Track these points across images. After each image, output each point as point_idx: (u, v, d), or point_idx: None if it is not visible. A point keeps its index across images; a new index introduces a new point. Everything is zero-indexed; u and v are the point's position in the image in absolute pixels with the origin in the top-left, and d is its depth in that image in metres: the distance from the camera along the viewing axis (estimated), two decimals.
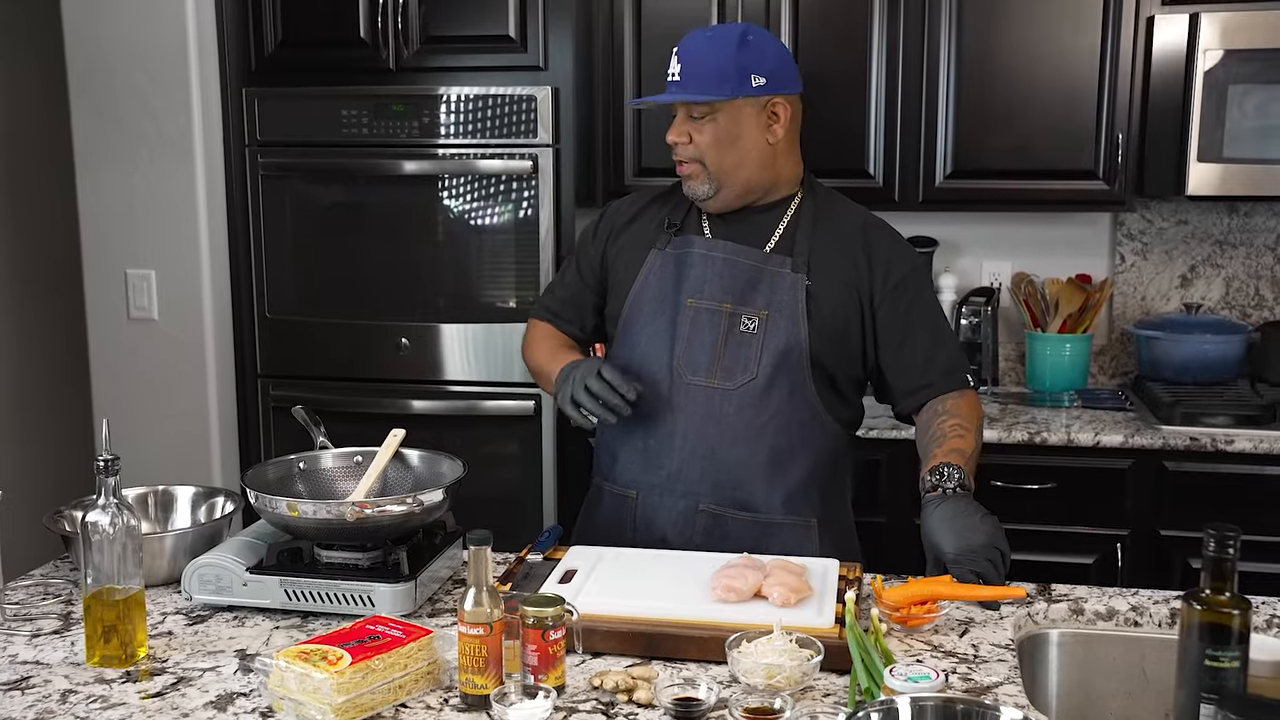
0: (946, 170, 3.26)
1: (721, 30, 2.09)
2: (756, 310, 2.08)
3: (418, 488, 1.98)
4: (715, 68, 2.01)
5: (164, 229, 3.28)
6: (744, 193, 2.12)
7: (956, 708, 1.28)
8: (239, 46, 3.29)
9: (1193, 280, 3.51)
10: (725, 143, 2.05)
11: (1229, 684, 1.18)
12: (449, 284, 3.27)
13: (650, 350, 2.12)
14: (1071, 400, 3.30)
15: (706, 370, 2.09)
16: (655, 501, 2.13)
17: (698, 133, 2.05)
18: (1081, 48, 3.15)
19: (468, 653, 1.53)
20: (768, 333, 2.08)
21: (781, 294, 2.08)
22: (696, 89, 2.02)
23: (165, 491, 2.13)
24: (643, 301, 2.15)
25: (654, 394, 2.10)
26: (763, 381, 2.07)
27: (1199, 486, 2.96)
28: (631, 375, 2.06)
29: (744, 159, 2.07)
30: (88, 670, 1.66)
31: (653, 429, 2.11)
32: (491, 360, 3.25)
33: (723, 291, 2.10)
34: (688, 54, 2.05)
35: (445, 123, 3.18)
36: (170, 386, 3.33)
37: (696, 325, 2.10)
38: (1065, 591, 1.93)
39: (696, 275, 2.12)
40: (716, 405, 2.08)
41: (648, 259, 2.17)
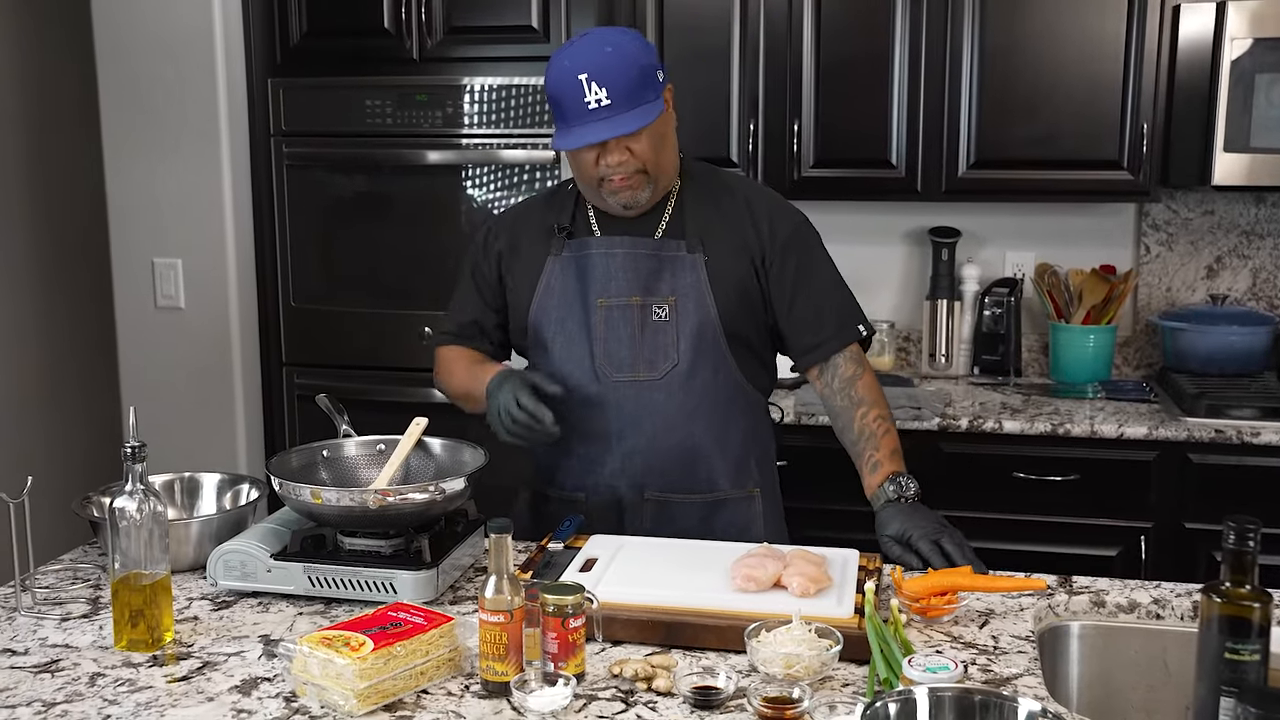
0: (969, 160, 3.25)
1: (612, 39, 2.02)
2: (664, 298, 2.11)
3: (440, 476, 1.99)
4: (636, 78, 1.97)
5: (190, 219, 3.31)
6: (668, 184, 2.14)
7: (974, 699, 1.28)
8: (264, 37, 3.31)
9: (1219, 271, 3.49)
10: (659, 144, 2.05)
11: (1249, 677, 1.17)
12: None
13: (568, 355, 2.14)
14: (1095, 392, 3.29)
15: (630, 365, 2.12)
16: (604, 499, 2.16)
17: (634, 143, 2.01)
18: (1106, 36, 3.13)
19: (488, 640, 1.54)
20: (680, 317, 2.11)
21: (684, 277, 2.11)
22: (632, 106, 1.97)
23: (191, 478, 2.15)
24: (548, 309, 2.16)
25: (581, 398, 2.12)
26: (685, 365, 2.11)
27: (1224, 479, 2.94)
28: (550, 383, 2.05)
29: (671, 153, 2.11)
30: (115, 654, 1.68)
31: (587, 434, 2.14)
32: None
33: (629, 286, 2.12)
34: (605, 74, 1.95)
35: (468, 113, 3.19)
36: (196, 375, 3.36)
37: (610, 323, 2.12)
38: (1086, 584, 1.92)
39: (601, 274, 2.13)
40: (646, 396, 2.11)
41: (545, 266, 2.16)
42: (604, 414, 2.13)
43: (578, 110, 1.97)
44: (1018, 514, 3.03)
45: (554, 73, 2.00)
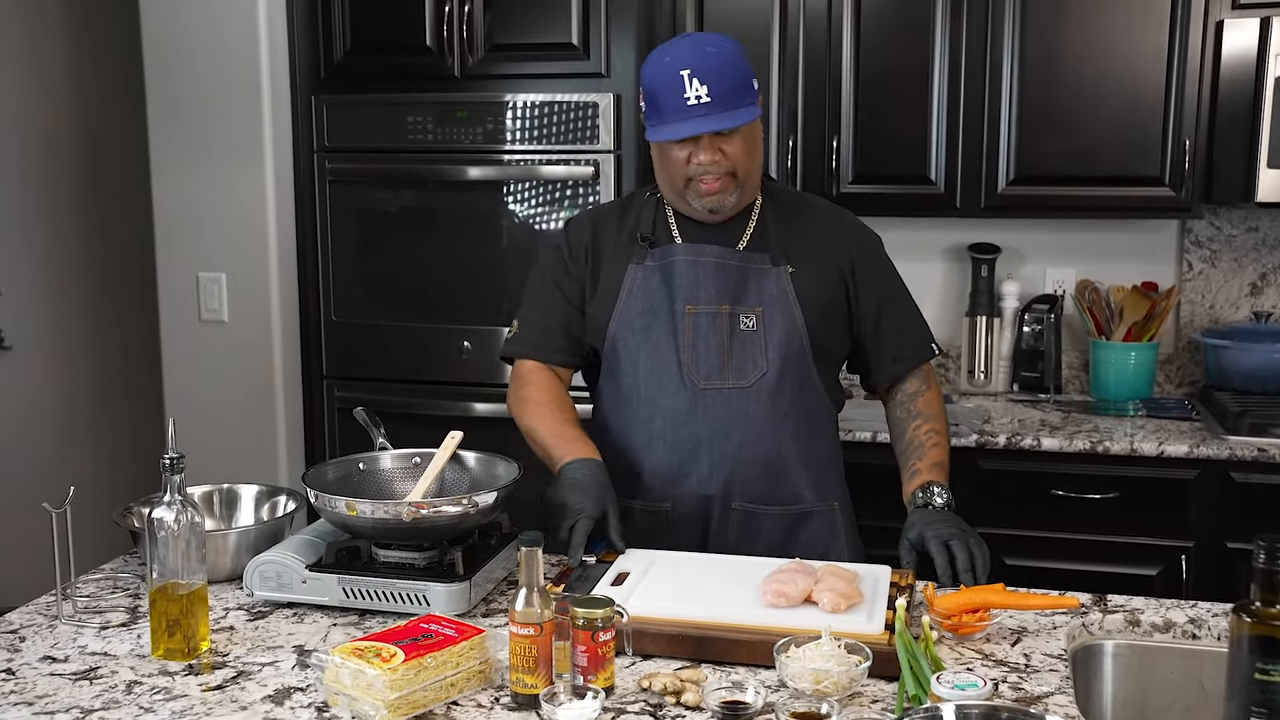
0: (1009, 176, 3.24)
1: (714, 41, 2.05)
2: (752, 308, 2.12)
3: (474, 489, 2.01)
4: (737, 80, 2.01)
5: (235, 233, 3.36)
6: (753, 195, 2.17)
7: (1002, 716, 1.27)
8: (308, 54, 3.36)
9: (1263, 288, 3.45)
10: (752, 149, 2.08)
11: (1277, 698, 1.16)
12: (511, 288, 3.30)
13: (655, 363, 2.13)
14: (1136, 409, 3.26)
15: (719, 372, 2.11)
16: (688, 509, 2.14)
17: (728, 145, 2.04)
18: (1148, 52, 3.11)
19: (518, 652, 1.55)
20: (767, 328, 2.12)
21: (769, 289, 2.12)
22: (734, 105, 2.00)
23: (230, 490, 2.18)
24: (632, 316, 2.14)
25: (668, 405, 2.12)
26: (774, 374, 2.11)
27: (1267, 498, 2.90)
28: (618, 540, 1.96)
29: (759, 162, 2.14)
30: (152, 662, 1.70)
31: (675, 442, 2.12)
32: None
33: (718, 294, 2.12)
34: (709, 73, 1.98)
35: (509, 129, 3.22)
36: (239, 387, 3.41)
37: (699, 330, 2.12)
38: (1122, 602, 1.91)
39: (688, 281, 2.12)
40: (735, 405, 2.11)
41: (627, 274, 2.15)
42: (692, 421, 2.11)
43: (676, 106, 1.99)
44: (1056, 532, 3.01)
45: (653, 69, 2.03)
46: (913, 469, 2.14)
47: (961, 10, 3.19)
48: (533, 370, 2.22)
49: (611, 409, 2.21)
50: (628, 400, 2.17)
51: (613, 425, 2.20)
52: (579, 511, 1.94)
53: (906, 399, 2.23)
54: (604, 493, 1.99)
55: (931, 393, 2.25)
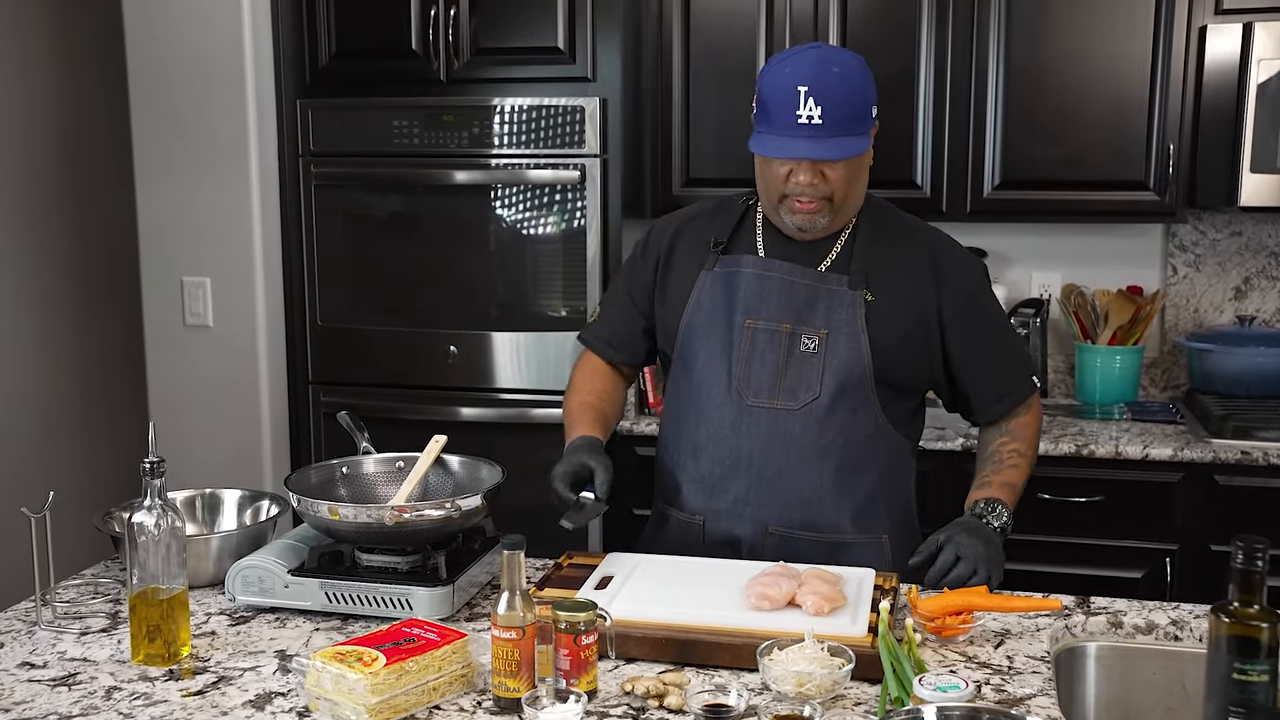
0: (995, 181, 3.24)
1: (842, 61, 1.97)
2: (816, 330, 2.04)
3: (458, 493, 2.00)
4: (854, 107, 1.94)
5: (219, 237, 3.35)
6: (850, 217, 2.09)
7: (983, 718, 1.27)
8: (293, 58, 3.35)
9: (1247, 292, 3.46)
10: (854, 177, 2.00)
11: (1257, 698, 1.16)
12: (498, 293, 3.31)
13: (707, 374, 2.08)
14: (1121, 413, 3.27)
15: (769, 391, 2.04)
16: (724, 526, 2.08)
17: (831, 171, 1.96)
18: (1132, 57, 3.13)
19: (500, 656, 1.55)
20: (829, 352, 2.03)
21: (840, 313, 2.04)
22: (844, 136, 1.93)
23: (212, 494, 2.17)
24: (697, 324, 2.10)
25: (714, 418, 2.07)
26: (826, 399, 2.03)
27: (1250, 501, 2.91)
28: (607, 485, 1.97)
29: (863, 186, 2.06)
30: (132, 668, 1.70)
31: (716, 455, 2.07)
32: (540, 369, 3.28)
33: (780, 311, 2.05)
34: (825, 96, 1.91)
35: (495, 133, 3.22)
36: (224, 392, 3.40)
37: (756, 346, 2.05)
38: (1104, 604, 1.91)
39: (751, 294, 2.07)
40: (781, 426, 2.04)
41: (698, 280, 2.11)
42: (734, 437, 2.05)
43: (785, 120, 1.93)
44: (1042, 535, 3.01)
45: (771, 77, 1.96)
46: (983, 479, 2.09)
47: (947, 14, 3.20)
48: (588, 358, 2.27)
49: (669, 413, 2.18)
50: (681, 406, 2.13)
51: (666, 429, 2.19)
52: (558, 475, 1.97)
53: (1004, 419, 2.15)
54: (586, 456, 1.99)
55: (1029, 418, 2.16)
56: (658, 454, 2.21)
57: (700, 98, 3.36)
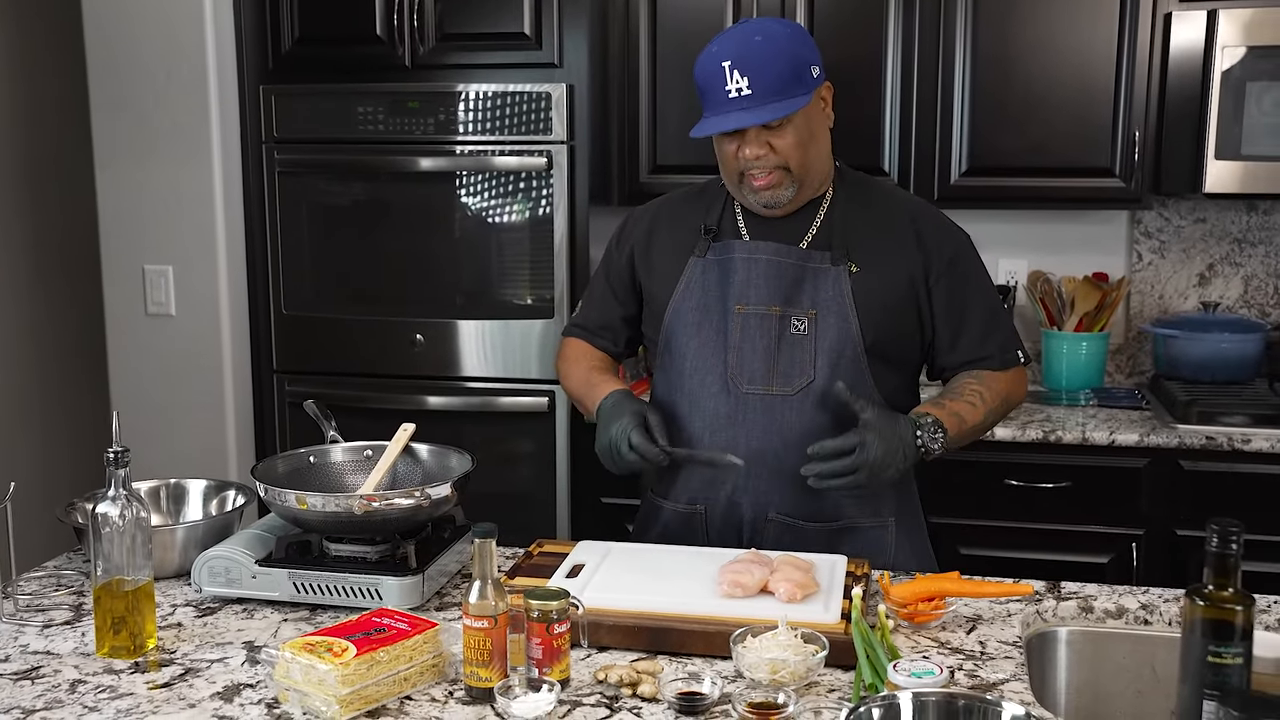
0: (962, 167, 3.25)
1: (765, 29, 1.96)
2: (804, 311, 2.02)
3: (427, 482, 1.98)
4: (783, 71, 1.91)
5: (182, 225, 3.31)
6: (817, 187, 2.05)
7: (958, 703, 1.27)
8: (256, 44, 3.31)
9: (1211, 279, 3.49)
10: (806, 142, 1.97)
11: (1231, 681, 1.17)
12: (464, 280, 3.28)
13: (700, 362, 2.05)
14: (1088, 399, 3.29)
15: (763, 378, 2.02)
16: (724, 515, 2.06)
17: (777, 139, 1.94)
18: (1098, 44, 3.14)
19: (472, 645, 1.54)
20: (819, 332, 2.01)
21: (826, 290, 2.02)
22: (775, 98, 1.91)
23: (177, 485, 2.14)
24: (686, 311, 2.08)
25: (710, 407, 2.05)
26: (821, 382, 2.00)
27: (1215, 486, 2.94)
28: (666, 424, 1.99)
29: (820, 152, 2.02)
30: (97, 661, 1.67)
31: (712, 446, 2.03)
32: (506, 357, 3.26)
33: (769, 294, 2.03)
34: (749, 64, 1.90)
35: (461, 120, 3.19)
36: (187, 382, 3.35)
37: (747, 332, 2.03)
38: (1075, 589, 1.92)
39: (741, 279, 2.04)
40: (777, 412, 2.01)
41: (688, 266, 2.09)
42: (731, 426, 2.03)
43: (718, 99, 1.92)
44: (1010, 521, 3.03)
45: (700, 59, 1.95)
46: (938, 400, 2.03)
47: (915, 2, 3.20)
48: (571, 343, 2.28)
49: (658, 402, 2.14)
50: (673, 396, 2.10)
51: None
52: (624, 432, 1.95)
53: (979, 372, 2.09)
54: (636, 405, 2.00)
55: (1003, 374, 2.09)
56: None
57: (667, 84, 3.34)
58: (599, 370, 2.19)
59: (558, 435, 3.25)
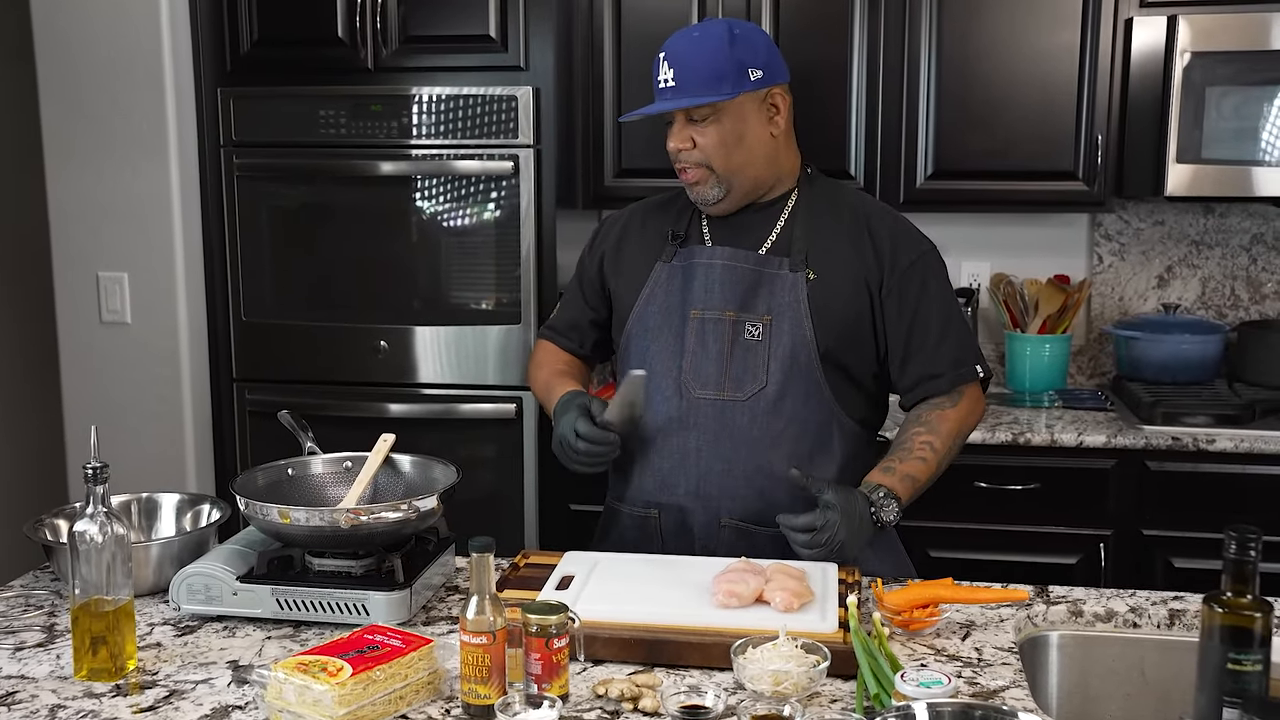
0: (928, 171, 3.26)
1: (707, 28, 2.00)
2: (759, 316, 2.02)
3: (409, 493, 1.95)
4: (710, 67, 1.94)
5: (137, 231, 3.23)
6: (752, 190, 2.05)
7: (975, 714, 1.26)
8: (213, 45, 3.23)
9: (1169, 281, 3.53)
10: (731, 142, 1.98)
11: (1251, 687, 1.17)
12: (429, 286, 3.23)
13: (657, 366, 2.05)
14: (1052, 400, 3.31)
15: (716, 383, 2.02)
16: (677, 519, 2.06)
17: (700, 136, 1.97)
18: (1061, 49, 3.16)
19: (470, 662, 1.50)
20: (773, 338, 2.01)
21: (781, 296, 2.01)
22: (695, 92, 1.94)
23: (149, 499, 2.08)
24: (647, 316, 2.09)
25: (663, 411, 2.04)
26: (774, 389, 2.00)
27: (1181, 486, 2.97)
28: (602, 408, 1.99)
29: (751, 156, 2.01)
30: (76, 684, 1.61)
31: (665, 449, 2.05)
32: (473, 363, 3.21)
33: (724, 300, 2.03)
34: (678, 57, 1.96)
35: (424, 123, 3.14)
36: (144, 392, 3.27)
37: (702, 337, 2.04)
38: (1063, 593, 1.92)
39: (700, 285, 2.05)
40: (730, 418, 2.01)
41: (653, 272, 2.10)
42: (683, 430, 2.03)
43: (654, 89, 1.99)
44: (980, 523, 3.05)
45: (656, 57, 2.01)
46: (888, 465, 1.98)
47: (880, 7, 3.20)
48: (543, 345, 2.32)
49: None
50: None
51: None
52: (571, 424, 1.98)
53: (928, 408, 2.05)
54: (580, 400, 2.02)
55: (953, 411, 2.04)
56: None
57: (632, 88, 3.32)
58: (559, 374, 2.21)
59: (525, 442, 3.21)
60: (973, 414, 2.09)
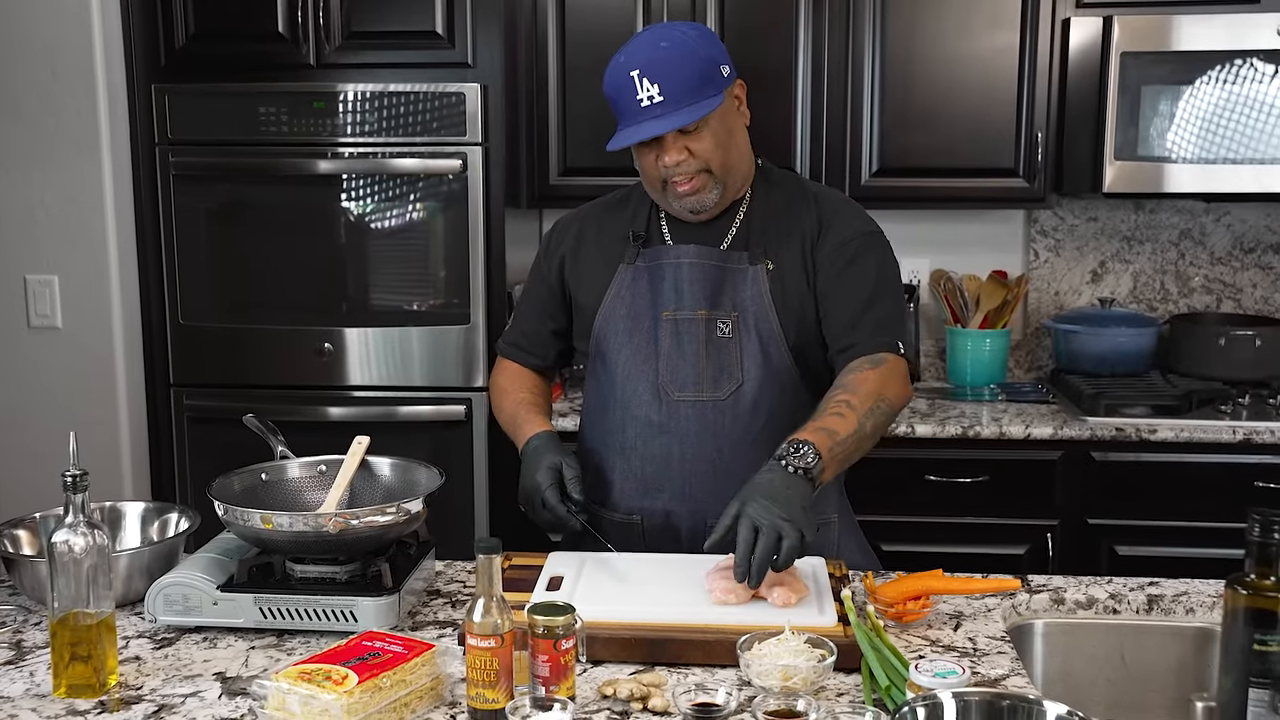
0: (873, 168, 3.29)
1: (670, 35, 1.93)
2: (728, 313, 2.00)
3: (388, 496, 1.90)
4: (694, 74, 1.88)
5: (68, 232, 3.12)
6: (740, 186, 2.03)
7: (1002, 704, 1.27)
8: (147, 40, 3.13)
9: (1103, 275, 3.61)
10: (725, 142, 1.95)
11: (1276, 669, 1.19)
12: (375, 286, 3.17)
13: (632, 370, 2.03)
14: (994, 394, 3.36)
15: (694, 384, 2.00)
16: (662, 524, 2.03)
17: (696, 143, 1.92)
18: (1001, 49, 3.21)
19: (478, 666, 1.47)
20: (742, 334, 1.99)
21: (745, 291, 2.00)
22: (688, 103, 1.88)
23: (113, 508, 2.01)
24: (616, 319, 2.05)
25: (643, 416, 2.02)
26: (751, 385, 1.99)
27: (1124, 475, 3.04)
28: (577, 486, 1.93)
29: (740, 151, 2.00)
30: (56, 702, 1.55)
31: (646, 454, 2.02)
32: (421, 364, 3.16)
33: (694, 299, 2.01)
34: (658, 71, 1.88)
35: (369, 120, 3.08)
36: (76, 398, 3.16)
37: (676, 338, 2.01)
38: (1043, 581, 1.95)
39: (670, 285, 2.02)
40: (710, 418, 1.99)
41: (617, 274, 2.06)
42: (664, 434, 2.00)
43: (631, 109, 1.89)
44: (931, 516, 3.08)
45: (609, 71, 1.92)
46: (804, 425, 1.86)
47: (824, 8, 3.23)
48: (505, 363, 2.24)
49: (591, 411, 2.12)
50: (605, 405, 2.07)
51: (590, 428, 2.12)
52: (539, 490, 1.94)
53: (846, 373, 1.95)
54: (552, 459, 1.96)
55: (873, 373, 1.92)
56: (581, 454, 2.13)
57: (577, 86, 3.30)
58: (525, 405, 2.13)
59: (475, 444, 3.17)
60: (894, 383, 1.95)
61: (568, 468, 1.95)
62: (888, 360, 1.95)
